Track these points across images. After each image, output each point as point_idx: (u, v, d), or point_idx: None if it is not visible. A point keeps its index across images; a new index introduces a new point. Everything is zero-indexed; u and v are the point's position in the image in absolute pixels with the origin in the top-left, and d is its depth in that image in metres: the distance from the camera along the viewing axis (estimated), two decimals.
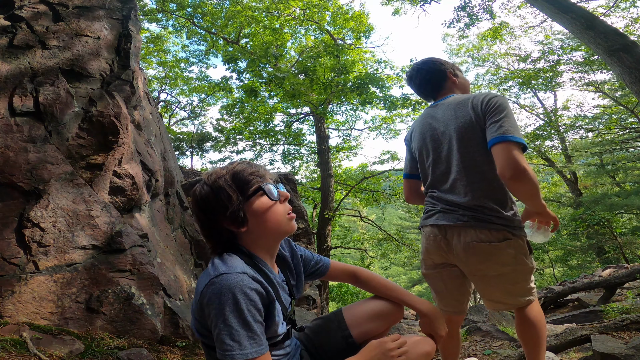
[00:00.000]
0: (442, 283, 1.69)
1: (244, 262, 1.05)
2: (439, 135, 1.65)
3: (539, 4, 6.21)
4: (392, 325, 1.47)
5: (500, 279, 1.55)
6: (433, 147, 1.66)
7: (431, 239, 1.63)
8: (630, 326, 2.51)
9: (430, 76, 1.79)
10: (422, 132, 1.73)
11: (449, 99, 1.69)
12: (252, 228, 1.11)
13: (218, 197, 1.09)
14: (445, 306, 1.73)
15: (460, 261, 1.57)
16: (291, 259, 1.32)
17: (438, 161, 1.65)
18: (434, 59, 1.85)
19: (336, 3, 12.50)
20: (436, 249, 1.62)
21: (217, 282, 0.96)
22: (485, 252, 1.50)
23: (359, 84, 10.52)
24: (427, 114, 1.75)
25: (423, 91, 1.85)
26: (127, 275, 2.36)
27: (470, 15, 9.21)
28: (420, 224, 1.76)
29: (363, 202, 13.84)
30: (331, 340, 1.37)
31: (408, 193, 1.92)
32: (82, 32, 2.89)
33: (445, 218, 1.58)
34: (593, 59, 12.11)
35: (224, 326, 0.92)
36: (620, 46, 5.07)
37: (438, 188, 1.65)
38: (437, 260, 1.66)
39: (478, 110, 1.51)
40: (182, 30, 13.19)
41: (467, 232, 1.52)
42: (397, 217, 28.71)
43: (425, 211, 1.73)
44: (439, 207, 1.62)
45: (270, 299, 1.05)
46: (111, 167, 2.65)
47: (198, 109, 15.71)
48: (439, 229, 1.60)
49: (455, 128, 1.57)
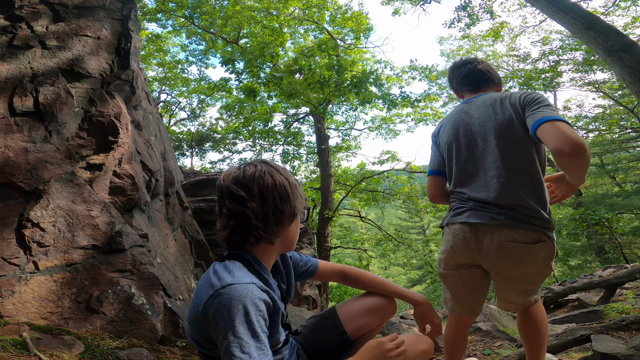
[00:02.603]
0: (461, 284, 1.63)
1: (247, 271, 1.04)
2: (473, 132, 1.59)
3: (539, 3, 6.21)
4: (386, 320, 1.49)
5: (522, 280, 1.53)
6: (466, 143, 1.60)
7: (460, 238, 1.55)
8: (630, 326, 2.51)
9: (486, 73, 1.75)
10: (454, 127, 1.66)
11: (483, 97, 1.65)
12: (284, 235, 1.13)
13: (288, 191, 1.09)
14: (460, 308, 1.67)
15: (490, 261, 1.51)
16: (281, 262, 1.31)
17: (470, 158, 1.58)
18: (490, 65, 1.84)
19: (335, 3, 12.50)
20: (464, 248, 1.55)
21: (225, 293, 0.94)
22: (519, 253, 1.45)
23: (357, 82, 10.51)
24: (461, 110, 1.69)
25: (471, 79, 1.77)
26: (127, 275, 2.36)
27: (471, 15, 9.21)
28: (445, 222, 1.67)
29: (362, 202, 13.85)
30: (326, 337, 1.38)
31: (435, 191, 1.79)
32: (82, 32, 2.89)
33: (477, 216, 1.51)
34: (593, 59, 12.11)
35: (234, 338, 0.90)
36: (621, 46, 5.07)
37: (468, 186, 1.58)
38: (461, 260, 1.59)
39: (517, 106, 1.49)
40: (182, 30, 13.20)
41: (502, 231, 1.46)
42: (396, 217, 28.72)
43: (451, 208, 1.65)
44: (470, 204, 1.55)
45: (276, 307, 1.05)
46: (111, 167, 2.65)
47: (198, 109, 15.72)
48: (470, 227, 1.52)
49: (493, 125, 1.53)
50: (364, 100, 10.96)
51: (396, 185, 13.16)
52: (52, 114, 2.52)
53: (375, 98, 11.00)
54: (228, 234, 1.09)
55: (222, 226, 1.10)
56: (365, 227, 22.55)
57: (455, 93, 1.91)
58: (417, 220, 26.61)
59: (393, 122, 13.96)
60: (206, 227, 4.11)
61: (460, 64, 1.84)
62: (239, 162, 14.34)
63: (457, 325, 1.73)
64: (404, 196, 13.07)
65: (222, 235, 1.11)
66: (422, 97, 11.68)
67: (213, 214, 4.19)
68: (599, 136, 15.99)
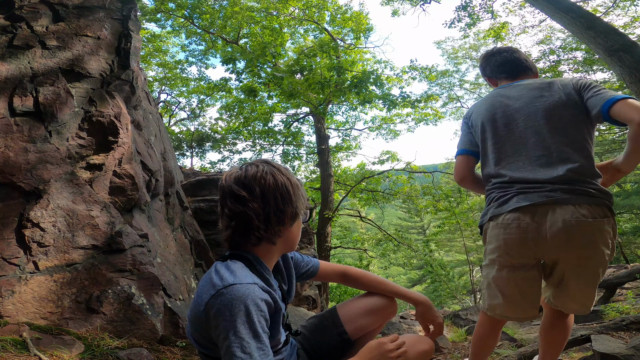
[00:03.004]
0: (516, 288, 1.45)
1: (249, 271, 1.04)
2: (513, 113, 1.52)
3: (539, 3, 6.20)
4: (387, 320, 1.48)
5: (595, 268, 1.36)
6: (504, 123, 1.52)
7: (513, 228, 1.38)
8: (630, 326, 2.51)
9: (523, 61, 1.72)
10: (490, 108, 1.58)
11: (527, 81, 1.62)
12: (285, 235, 1.12)
13: (290, 192, 1.09)
14: (514, 313, 1.50)
15: (557, 247, 1.34)
16: (282, 263, 1.31)
17: (509, 138, 1.49)
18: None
19: (335, 3, 12.50)
20: (520, 240, 1.38)
21: (226, 293, 0.94)
22: (588, 231, 1.30)
23: (357, 82, 10.51)
24: (498, 93, 1.64)
25: (508, 67, 1.73)
26: (127, 275, 2.36)
27: (471, 15, 9.20)
28: (488, 217, 1.50)
29: (362, 202, 13.84)
30: (326, 338, 1.38)
31: (466, 171, 1.66)
32: (82, 32, 2.89)
33: (528, 198, 1.37)
34: (593, 59, 12.10)
35: (235, 338, 0.91)
36: (621, 46, 5.07)
37: (508, 166, 1.47)
38: (517, 259, 1.42)
39: (570, 89, 1.48)
40: (181, 30, 13.19)
41: (563, 209, 1.32)
42: (396, 217, 28.72)
43: (492, 199, 1.50)
44: (515, 189, 1.42)
45: (277, 308, 1.05)
46: (111, 167, 2.65)
47: (197, 109, 15.71)
48: (523, 212, 1.36)
49: (541, 106, 1.47)
50: (365, 100, 10.96)
51: (396, 185, 13.16)
52: (52, 114, 2.52)
53: (376, 98, 10.99)
54: (230, 234, 1.09)
55: (224, 226, 1.10)
56: (365, 227, 22.56)
57: (488, 81, 1.86)
58: (417, 220, 26.61)
59: (393, 122, 13.96)
60: (206, 227, 4.11)
61: (495, 52, 1.80)
62: (239, 162, 14.34)
63: (490, 322, 1.59)
64: (404, 196, 13.07)
65: (224, 235, 1.11)
66: (422, 98, 11.69)
67: (213, 214, 4.19)
68: (599, 136, 15.98)
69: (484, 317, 1.63)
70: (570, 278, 1.41)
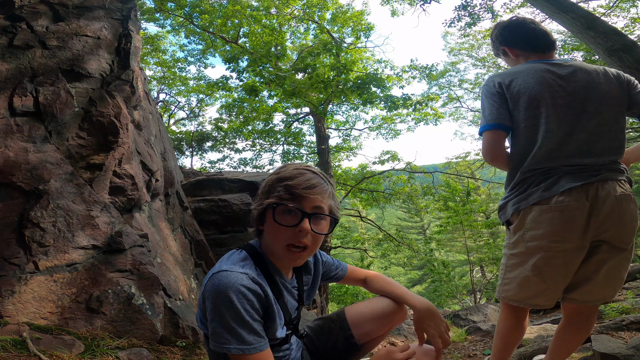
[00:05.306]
0: (565, 272, 1.41)
1: (252, 262, 1.08)
2: (571, 94, 1.47)
3: (539, 3, 6.20)
4: (395, 325, 1.47)
5: (633, 247, 1.41)
6: (562, 104, 1.46)
7: (572, 208, 1.34)
8: (630, 326, 2.51)
9: (551, 37, 1.67)
10: (544, 83, 1.48)
11: (578, 63, 1.56)
12: (265, 234, 1.14)
13: (262, 187, 1.15)
14: (548, 300, 1.46)
15: (615, 222, 1.35)
16: (313, 265, 1.32)
17: (564, 120, 1.45)
18: None
19: (336, 2, 12.49)
20: (575, 222, 1.35)
21: (215, 278, 1.00)
22: (632, 205, 1.36)
23: (360, 84, 10.50)
24: (543, 69, 1.52)
25: (541, 40, 1.64)
26: (127, 275, 2.36)
27: (472, 15, 9.19)
28: (533, 201, 1.42)
29: (363, 202, 13.84)
30: (333, 340, 1.37)
31: (500, 148, 1.54)
32: (82, 32, 2.89)
33: (576, 178, 1.37)
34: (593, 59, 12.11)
35: (220, 320, 0.97)
36: (621, 46, 5.06)
37: (559, 150, 1.43)
38: (571, 242, 1.36)
39: (621, 80, 1.53)
40: (180, 30, 13.17)
41: (608, 185, 1.37)
42: (396, 217, 28.72)
43: (534, 184, 1.44)
44: (558, 172, 1.41)
45: (269, 302, 1.05)
46: (111, 167, 2.65)
47: (197, 109, 15.69)
48: (576, 192, 1.35)
49: (598, 92, 1.47)
50: (367, 100, 10.96)
51: (396, 185, 13.15)
52: (52, 114, 2.52)
53: (378, 99, 10.99)
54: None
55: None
56: (365, 227, 22.55)
57: (509, 52, 1.73)
58: (417, 220, 26.59)
59: (393, 122, 13.95)
60: (206, 227, 4.11)
61: (521, 21, 1.70)
62: (239, 161, 14.34)
63: (515, 314, 1.55)
64: (404, 196, 13.06)
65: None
66: (422, 98, 11.69)
67: (213, 214, 4.19)
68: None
69: (507, 310, 1.57)
70: (610, 258, 1.39)
